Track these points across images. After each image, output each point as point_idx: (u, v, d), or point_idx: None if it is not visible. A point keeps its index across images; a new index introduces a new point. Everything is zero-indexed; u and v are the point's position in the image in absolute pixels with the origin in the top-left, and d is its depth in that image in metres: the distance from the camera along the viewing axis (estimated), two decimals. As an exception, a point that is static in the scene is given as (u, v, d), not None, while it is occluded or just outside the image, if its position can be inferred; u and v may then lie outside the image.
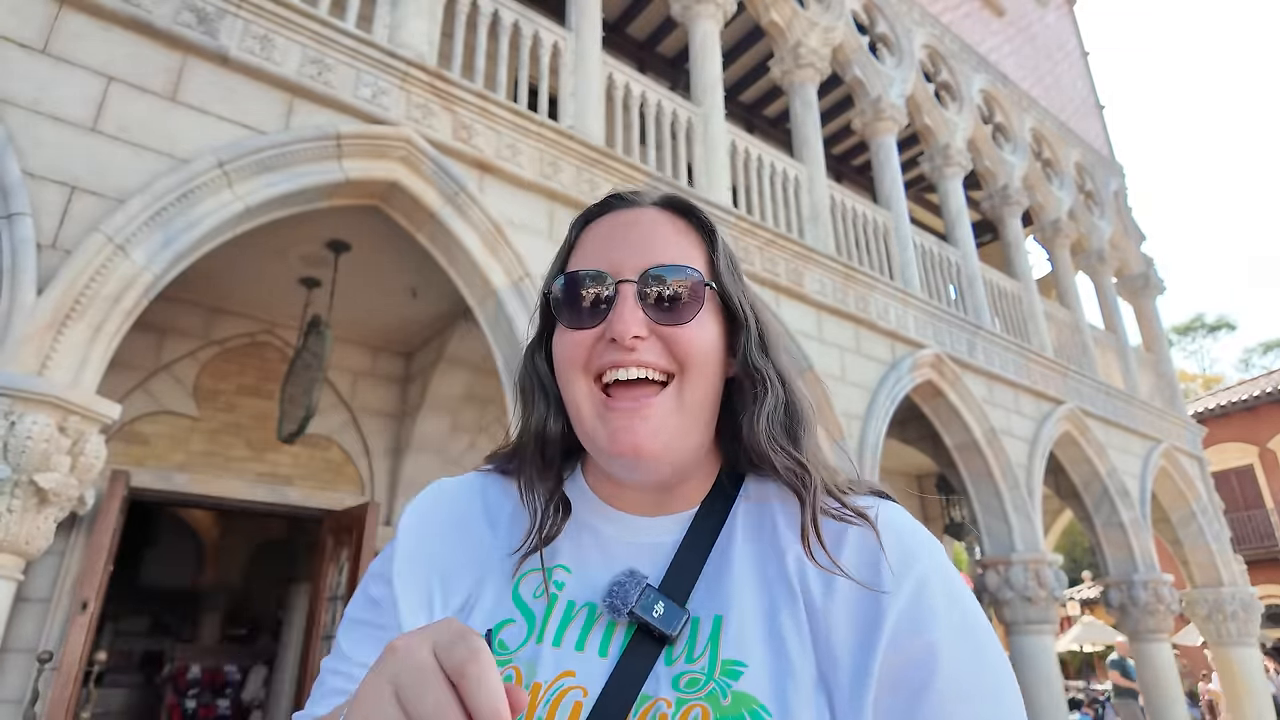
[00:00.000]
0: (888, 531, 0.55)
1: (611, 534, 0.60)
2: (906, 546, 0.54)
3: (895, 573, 0.53)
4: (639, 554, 0.58)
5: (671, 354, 0.57)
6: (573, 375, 0.58)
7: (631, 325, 0.56)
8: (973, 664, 0.50)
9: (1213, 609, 8.44)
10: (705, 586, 0.56)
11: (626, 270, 0.58)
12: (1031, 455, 6.64)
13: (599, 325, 0.58)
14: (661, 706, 0.50)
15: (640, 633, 0.53)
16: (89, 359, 2.68)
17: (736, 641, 0.52)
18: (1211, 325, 35.08)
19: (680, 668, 0.52)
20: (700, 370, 0.58)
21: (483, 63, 4.14)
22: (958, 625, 0.51)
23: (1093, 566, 15.83)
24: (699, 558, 0.57)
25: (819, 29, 6.54)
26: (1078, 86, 11.02)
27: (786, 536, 0.57)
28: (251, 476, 5.10)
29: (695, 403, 0.58)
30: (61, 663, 3.71)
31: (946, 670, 0.49)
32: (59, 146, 2.75)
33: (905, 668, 0.49)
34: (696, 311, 0.58)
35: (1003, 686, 0.50)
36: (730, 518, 0.60)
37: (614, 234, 0.61)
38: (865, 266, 6.09)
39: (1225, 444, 16.28)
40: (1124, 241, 10.05)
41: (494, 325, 3.88)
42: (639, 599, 0.53)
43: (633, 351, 0.56)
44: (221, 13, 3.26)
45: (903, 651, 0.50)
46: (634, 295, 0.57)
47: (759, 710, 0.49)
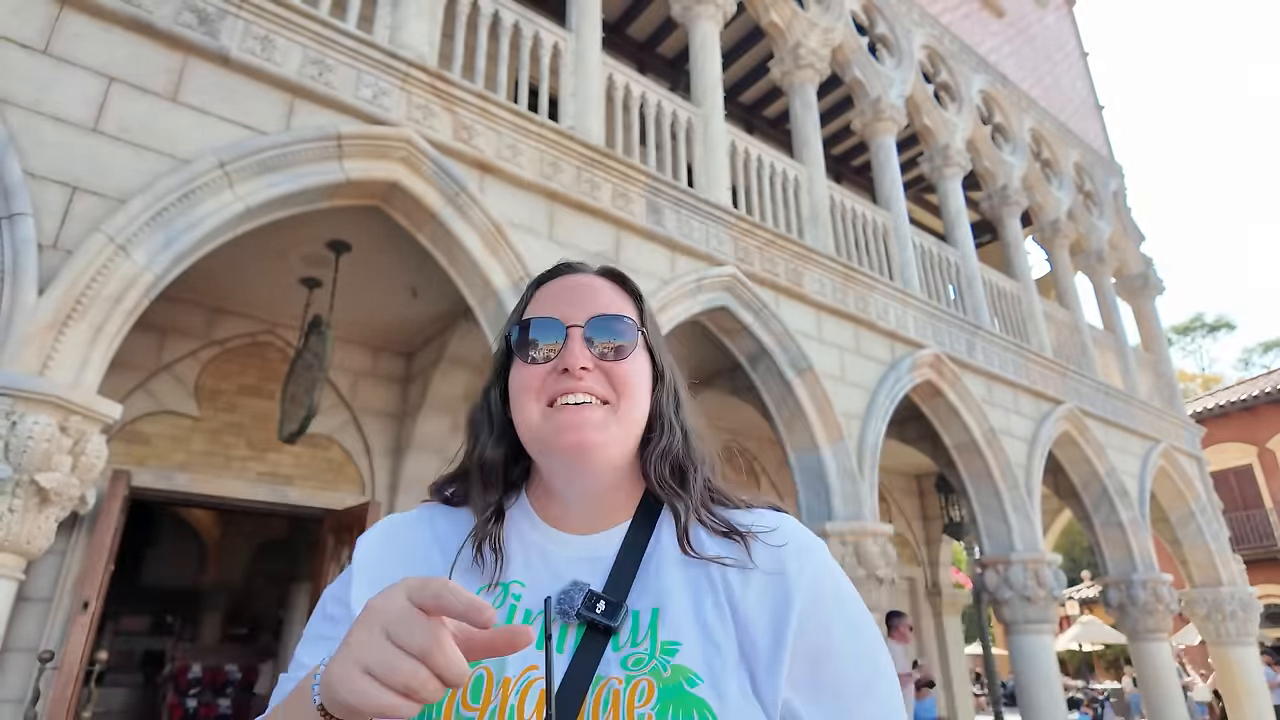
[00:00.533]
0: (787, 536, 0.69)
1: (556, 551, 0.70)
2: (803, 547, 0.68)
3: (796, 567, 0.66)
4: (582, 567, 0.68)
5: (611, 384, 0.70)
6: (527, 400, 0.70)
7: (580, 358, 0.69)
8: (854, 633, 0.65)
9: (1212, 608, 8.45)
10: (641, 586, 0.66)
11: (575, 317, 0.72)
12: (1030, 455, 6.65)
13: (551, 361, 0.70)
14: (614, 684, 0.59)
15: (590, 630, 0.62)
16: (90, 359, 2.68)
17: (672, 626, 0.63)
18: (1211, 325, 35.10)
19: (627, 651, 0.62)
20: (633, 398, 0.71)
21: (483, 63, 4.15)
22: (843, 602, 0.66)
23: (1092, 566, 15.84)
24: (633, 564, 0.68)
25: (819, 30, 6.54)
26: (1077, 87, 11.03)
27: (705, 540, 0.69)
28: (252, 476, 5.11)
29: (628, 420, 0.70)
30: (62, 662, 3.72)
31: (840, 638, 0.64)
32: (60, 147, 2.76)
33: (811, 642, 0.62)
34: (631, 350, 0.72)
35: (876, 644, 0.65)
36: (656, 530, 0.71)
37: (564, 292, 0.75)
38: (865, 267, 6.10)
39: (1224, 444, 16.30)
40: (1123, 241, 10.06)
41: (494, 325, 3.89)
42: (583, 601, 0.63)
43: (580, 380, 0.68)
44: (222, 13, 3.26)
45: (806, 630, 0.63)
46: (580, 336, 0.71)
47: (694, 678, 0.59)
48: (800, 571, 0.65)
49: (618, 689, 0.59)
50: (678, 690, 0.58)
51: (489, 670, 0.61)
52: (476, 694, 0.60)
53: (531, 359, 0.71)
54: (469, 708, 0.59)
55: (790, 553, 0.67)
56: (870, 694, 0.62)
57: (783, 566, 0.66)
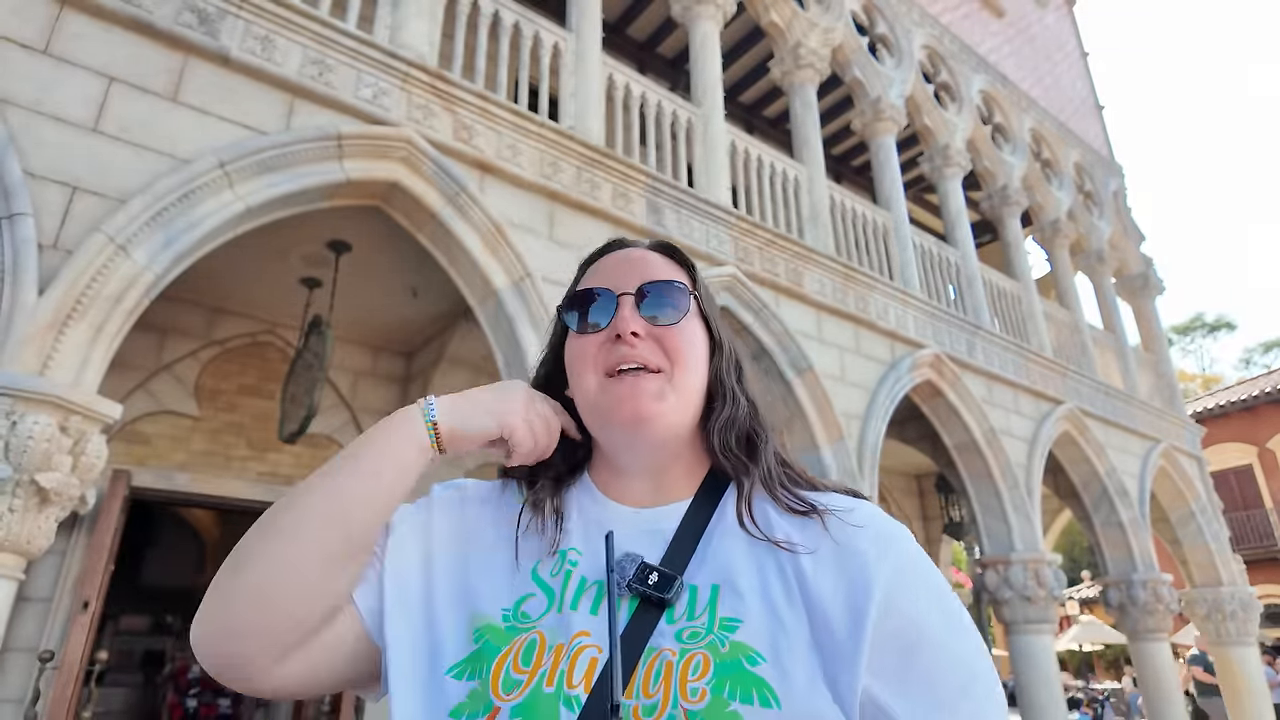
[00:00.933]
0: (866, 518, 0.65)
1: (614, 524, 0.68)
2: (885, 530, 0.64)
3: (877, 550, 0.61)
4: (640, 540, 0.66)
5: (664, 352, 0.69)
6: (583, 370, 0.71)
7: (631, 324, 0.69)
8: (951, 626, 0.59)
9: (1212, 608, 8.45)
10: (702, 561, 0.64)
11: (625, 286, 0.72)
12: (1031, 455, 6.65)
13: (604, 330, 0.70)
14: (666, 655, 0.57)
15: (643, 603, 0.61)
16: (90, 359, 2.68)
17: (733, 603, 0.60)
18: (1211, 325, 35.10)
19: (682, 625, 0.60)
20: (688, 366, 0.70)
21: (483, 63, 4.15)
22: (936, 591, 0.61)
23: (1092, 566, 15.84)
24: (693, 538, 0.66)
25: (819, 30, 6.54)
26: (1077, 87, 11.03)
27: (773, 518, 0.66)
28: (253, 476, 5.11)
29: (684, 389, 0.69)
30: (63, 662, 3.72)
31: (933, 630, 0.59)
32: (60, 147, 2.76)
33: (899, 630, 0.58)
34: (683, 316, 0.71)
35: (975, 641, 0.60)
36: (721, 505, 0.69)
37: (615, 265, 0.76)
38: (865, 267, 6.10)
39: (1224, 444, 16.29)
40: (1123, 241, 10.06)
41: (494, 325, 3.89)
42: (635, 573, 0.62)
43: (633, 348, 0.68)
44: (222, 13, 3.26)
45: (891, 620, 0.58)
46: (632, 303, 0.71)
47: (755, 655, 0.56)
48: (881, 556, 0.61)
49: (671, 660, 0.57)
50: (736, 666, 0.56)
51: (541, 635, 0.60)
52: (529, 657, 0.59)
53: (584, 329, 0.72)
54: (519, 670, 0.58)
55: (869, 536, 0.63)
56: (968, 695, 0.57)
57: (860, 549, 0.62)
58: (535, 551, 0.68)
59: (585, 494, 0.73)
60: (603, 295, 0.72)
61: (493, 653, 0.59)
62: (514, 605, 0.63)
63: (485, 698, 0.57)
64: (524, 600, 0.64)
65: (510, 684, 0.57)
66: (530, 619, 0.62)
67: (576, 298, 0.74)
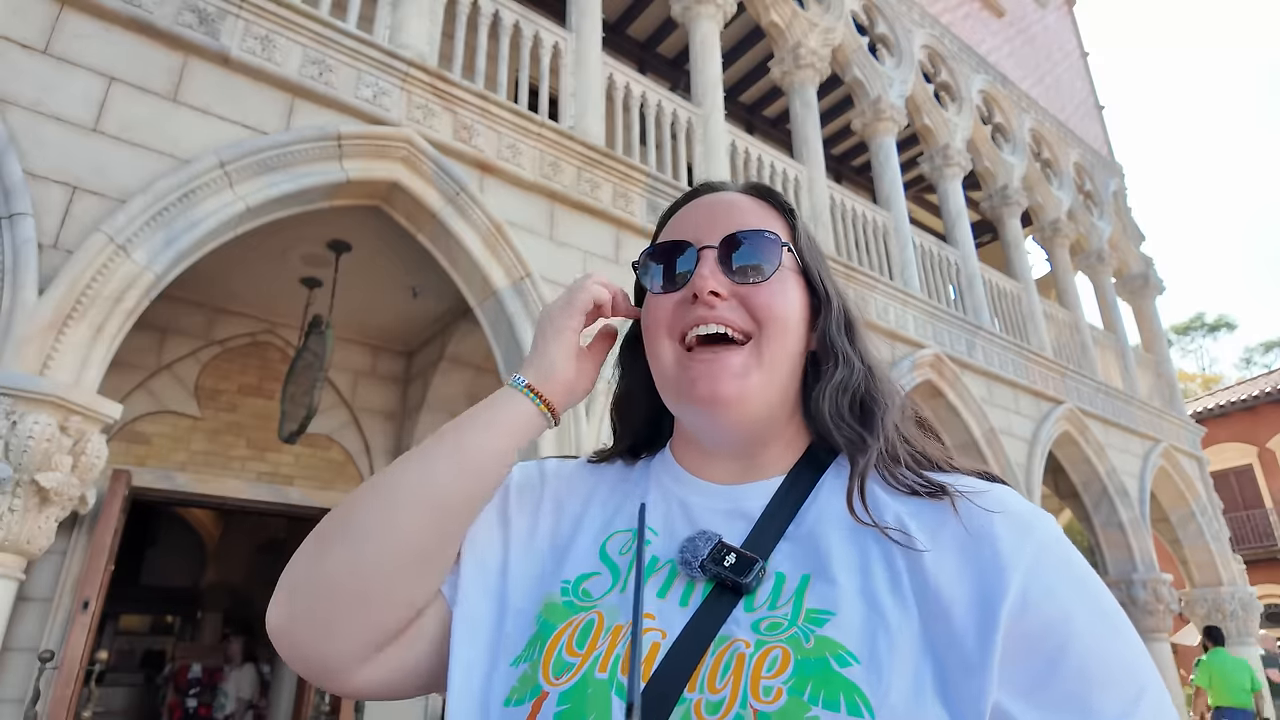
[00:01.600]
0: (1002, 502, 0.54)
1: (697, 502, 0.62)
2: (1022, 516, 0.53)
3: (1014, 538, 0.51)
4: (722, 520, 0.59)
5: (750, 313, 0.60)
6: (658, 336, 0.63)
7: (710, 282, 0.60)
8: (1106, 627, 0.49)
9: (1212, 608, 8.45)
10: (791, 547, 0.56)
11: (708, 239, 0.63)
12: (1031, 455, 6.65)
13: (681, 290, 0.62)
14: (740, 646, 0.50)
15: (719, 586, 0.54)
16: (90, 359, 2.68)
17: (824, 594, 0.51)
18: (1211, 325, 35.09)
19: (762, 614, 0.52)
20: (778, 330, 0.61)
21: (483, 63, 4.15)
22: (1084, 588, 0.50)
23: (1092, 566, 15.85)
24: (784, 520, 0.58)
25: (819, 30, 6.54)
26: (1077, 87, 11.03)
27: (883, 499, 0.57)
28: (253, 476, 5.11)
29: (773, 360, 0.60)
30: (63, 662, 3.72)
31: (1082, 633, 0.47)
32: (61, 147, 2.76)
33: (1038, 633, 0.47)
34: (772, 271, 0.62)
35: (1137, 646, 0.49)
36: (819, 484, 0.61)
37: (698, 212, 0.67)
38: (865, 267, 6.10)
39: (1224, 444, 16.29)
40: (1123, 242, 10.06)
41: (495, 325, 3.89)
42: (709, 553, 0.55)
43: (712, 309, 0.60)
44: (223, 13, 3.26)
45: (1032, 616, 0.48)
46: (714, 258, 0.62)
47: (845, 655, 0.47)
48: (1020, 545, 0.50)
49: (744, 652, 0.49)
50: (822, 666, 0.47)
51: (600, 615, 0.54)
52: (583, 639, 0.53)
53: (660, 288, 0.64)
54: (573, 652, 0.52)
55: (1005, 521, 0.52)
56: (1131, 713, 0.45)
57: (994, 536, 0.51)
58: (606, 528, 0.63)
59: (666, 471, 0.67)
60: (681, 249, 0.63)
61: (548, 631, 0.54)
62: (575, 581, 0.59)
63: (534, 680, 0.52)
64: (587, 578, 0.59)
65: (562, 667, 0.52)
66: (591, 597, 0.57)
67: (653, 252, 0.66)
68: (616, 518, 0.64)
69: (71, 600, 3.95)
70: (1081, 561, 0.52)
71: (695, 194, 0.70)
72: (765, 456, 0.63)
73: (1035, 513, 0.54)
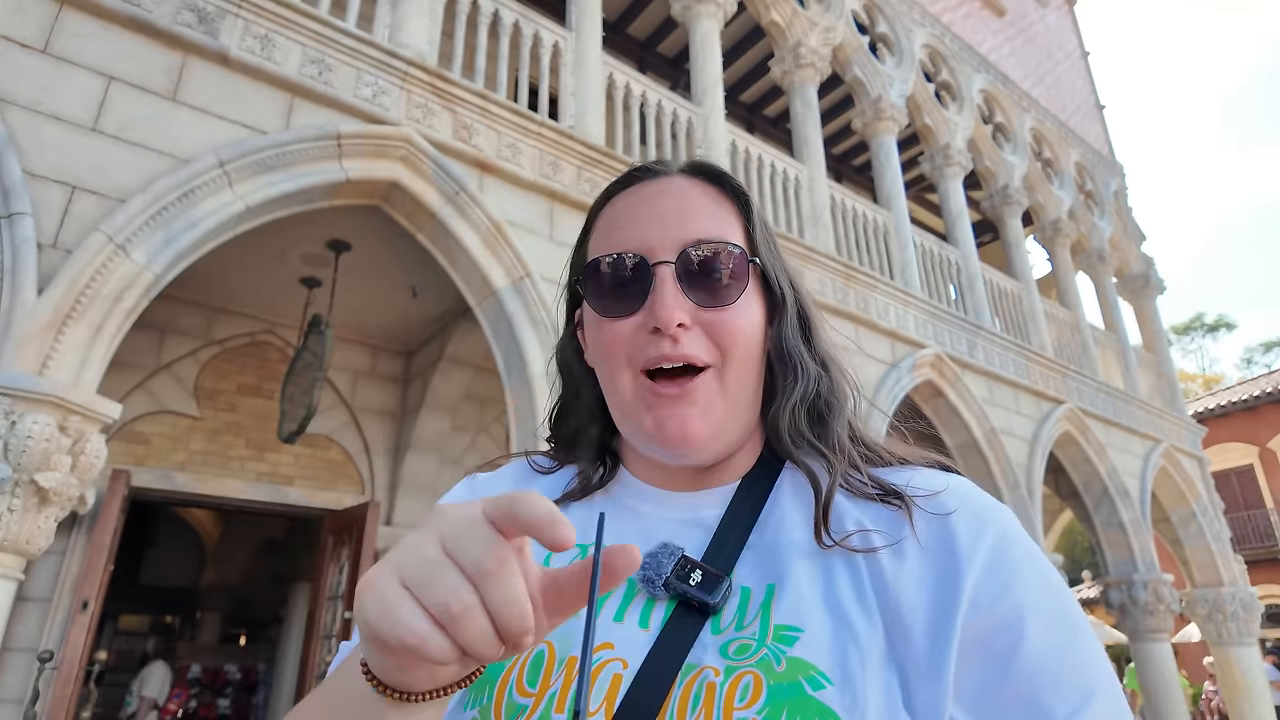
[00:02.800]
0: (958, 499, 0.52)
1: (649, 511, 0.57)
2: (978, 511, 0.51)
3: (970, 536, 0.49)
4: (679, 530, 0.55)
5: (714, 342, 0.54)
6: (614, 367, 0.56)
7: (675, 312, 0.53)
8: (1059, 625, 0.47)
9: (1213, 609, 8.44)
10: (754, 557, 0.52)
11: (661, 250, 0.55)
12: (1031, 455, 6.64)
13: (638, 313, 0.54)
14: (709, 675, 0.46)
15: (682, 605, 0.49)
16: (90, 359, 2.68)
17: (791, 608, 0.48)
18: (1211, 325, 35.07)
19: (729, 636, 0.48)
20: (743, 359, 0.55)
21: (483, 62, 4.14)
22: (1040, 585, 0.48)
23: (1093, 566, 15.83)
24: (744, 528, 0.53)
25: (819, 29, 6.54)
26: (1078, 86, 11.02)
27: (844, 506, 0.54)
28: (252, 476, 5.11)
29: (737, 390, 0.55)
30: (62, 662, 3.71)
31: (1034, 633, 0.46)
32: (60, 146, 2.76)
33: (990, 634, 0.46)
34: (741, 291, 0.55)
35: (1090, 647, 0.47)
36: (776, 489, 0.57)
37: (641, 208, 0.58)
38: (865, 266, 6.09)
39: (1225, 444, 16.28)
40: (1124, 241, 10.05)
41: (494, 325, 3.88)
42: (674, 569, 0.50)
43: (677, 343, 0.53)
44: (222, 12, 3.26)
45: (985, 617, 0.46)
46: (672, 278, 0.54)
47: (817, 676, 0.44)
48: (975, 543, 0.48)
49: (713, 681, 0.45)
50: (795, 691, 0.44)
51: (551, 646, 0.49)
52: (535, 676, 0.48)
53: (611, 311, 0.55)
54: (525, 693, 0.47)
55: (962, 521, 0.50)
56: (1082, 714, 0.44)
57: (951, 538, 0.49)
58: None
59: (618, 484, 0.61)
60: (633, 263, 0.55)
61: (496, 672, 0.49)
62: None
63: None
64: None
65: (514, 710, 0.47)
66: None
67: (598, 267, 0.56)
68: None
69: (71, 600, 3.94)
70: (1038, 557, 0.50)
71: (634, 179, 0.60)
72: (716, 469, 0.58)
73: (990, 508, 0.52)
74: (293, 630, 7.79)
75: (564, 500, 0.60)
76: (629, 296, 0.55)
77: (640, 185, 0.60)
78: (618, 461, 0.63)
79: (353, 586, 4.88)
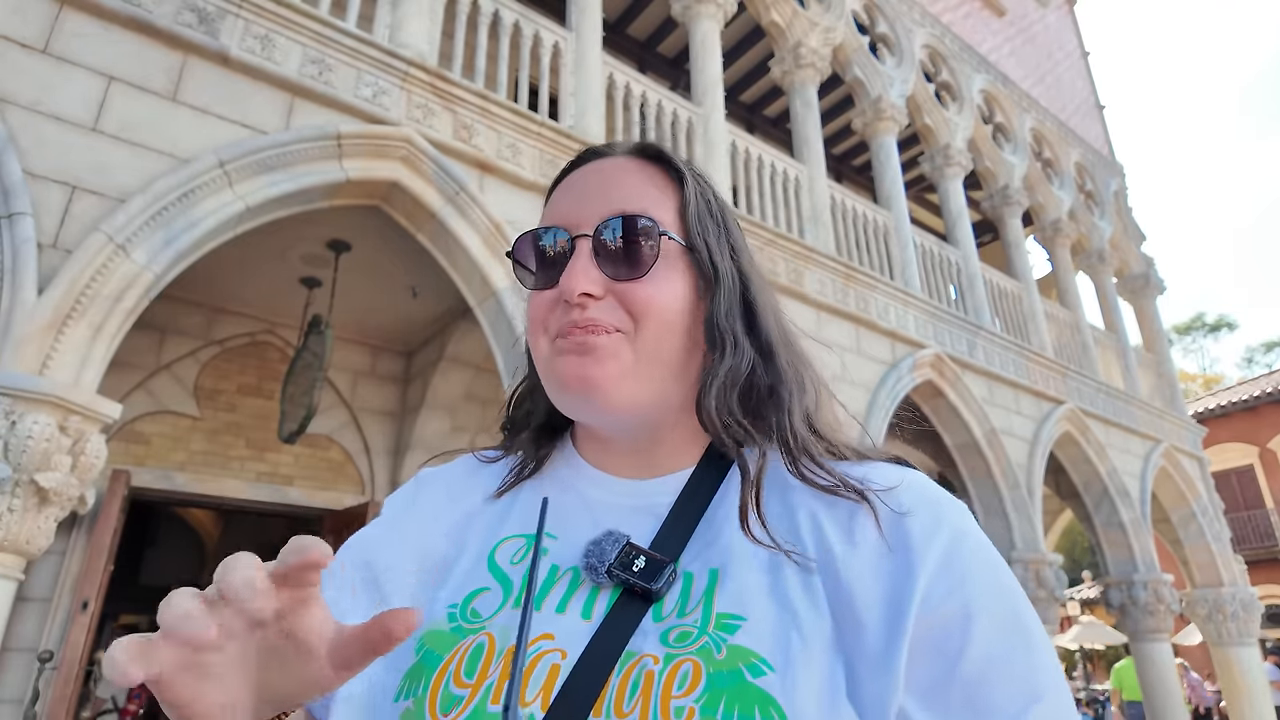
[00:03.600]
0: (913, 495, 0.51)
1: (597, 497, 0.57)
2: (933, 508, 0.51)
3: (924, 533, 0.49)
4: (627, 516, 0.55)
5: (627, 312, 0.54)
6: (535, 334, 0.57)
7: (581, 282, 0.53)
8: (1010, 626, 0.47)
9: (1213, 609, 8.44)
10: (700, 544, 0.52)
11: (584, 224, 0.56)
12: (1031, 455, 6.64)
13: (557, 285, 0.56)
14: (648, 663, 0.45)
15: (626, 594, 0.49)
16: (90, 358, 2.68)
17: (734, 596, 0.48)
18: (1212, 325, 35.07)
19: (671, 623, 0.48)
20: (657, 328, 0.54)
21: (483, 63, 4.14)
22: (992, 585, 0.48)
23: (1093, 566, 15.84)
24: (693, 516, 0.53)
25: (819, 29, 6.54)
26: (1078, 86, 11.02)
27: (796, 497, 0.53)
28: (252, 476, 5.11)
29: (651, 350, 0.54)
30: (62, 662, 3.71)
31: (984, 633, 0.46)
32: (60, 146, 2.76)
33: (940, 632, 0.46)
34: (651, 265, 0.55)
35: (1040, 650, 0.47)
36: (727, 479, 0.56)
37: (576, 186, 0.60)
38: (865, 266, 6.09)
39: (1226, 444, 16.29)
40: (1124, 241, 10.05)
41: (494, 325, 3.88)
42: (617, 556, 0.50)
43: (584, 310, 0.54)
44: (222, 12, 3.26)
45: (936, 614, 0.46)
46: (588, 251, 0.55)
47: (758, 663, 0.44)
48: (929, 539, 0.48)
49: (652, 669, 0.45)
50: (735, 679, 0.44)
51: (491, 637, 0.49)
52: (473, 667, 0.47)
53: (534, 284, 0.57)
54: (461, 683, 0.47)
55: (917, 517, 0.50)
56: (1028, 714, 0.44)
57: (906, 535, 0.49)
58: (494, 534, 0.56)
59: (566, 462, 0.61)
60: (554, 237, 0.56)
61: (433, 663, 0.48)
62: (463, 601, 0.52)
63: (420, 718, 0.46)
64: (475, 595, 0.52)
65: (450, 701, 0.46)
66: (480, 618, 0.51)
67: (525, 241, 0.58)
68: (506, 521, 0.58)
69: (71, 600, 3.94)
70: (992, 556, 0.50)
71: (580, 161, 0.62)
72: (661, 451, 0.58)
73: (945, 504, 0.51)
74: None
75: (515, 483, 0.60)
76: (550, 268, 0.56)
77: (585, 166, 0.61)
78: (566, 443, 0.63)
79: (353, 586, 4.88)
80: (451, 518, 0.59)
